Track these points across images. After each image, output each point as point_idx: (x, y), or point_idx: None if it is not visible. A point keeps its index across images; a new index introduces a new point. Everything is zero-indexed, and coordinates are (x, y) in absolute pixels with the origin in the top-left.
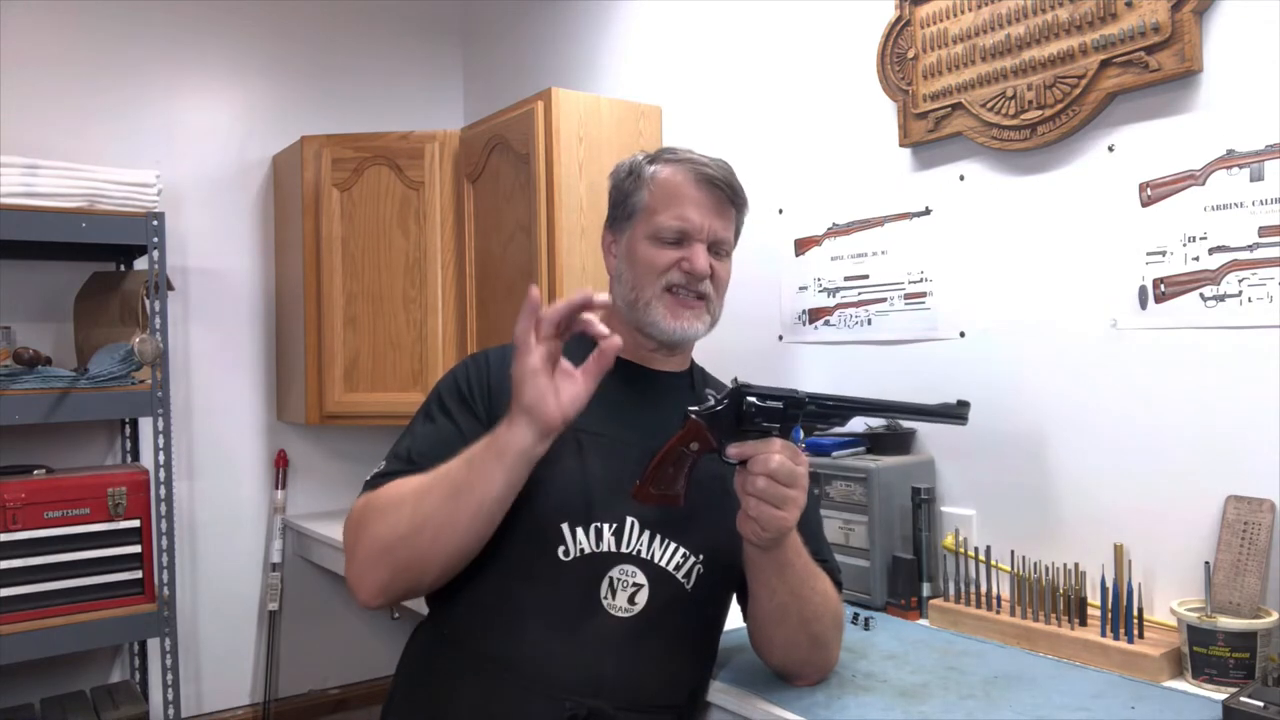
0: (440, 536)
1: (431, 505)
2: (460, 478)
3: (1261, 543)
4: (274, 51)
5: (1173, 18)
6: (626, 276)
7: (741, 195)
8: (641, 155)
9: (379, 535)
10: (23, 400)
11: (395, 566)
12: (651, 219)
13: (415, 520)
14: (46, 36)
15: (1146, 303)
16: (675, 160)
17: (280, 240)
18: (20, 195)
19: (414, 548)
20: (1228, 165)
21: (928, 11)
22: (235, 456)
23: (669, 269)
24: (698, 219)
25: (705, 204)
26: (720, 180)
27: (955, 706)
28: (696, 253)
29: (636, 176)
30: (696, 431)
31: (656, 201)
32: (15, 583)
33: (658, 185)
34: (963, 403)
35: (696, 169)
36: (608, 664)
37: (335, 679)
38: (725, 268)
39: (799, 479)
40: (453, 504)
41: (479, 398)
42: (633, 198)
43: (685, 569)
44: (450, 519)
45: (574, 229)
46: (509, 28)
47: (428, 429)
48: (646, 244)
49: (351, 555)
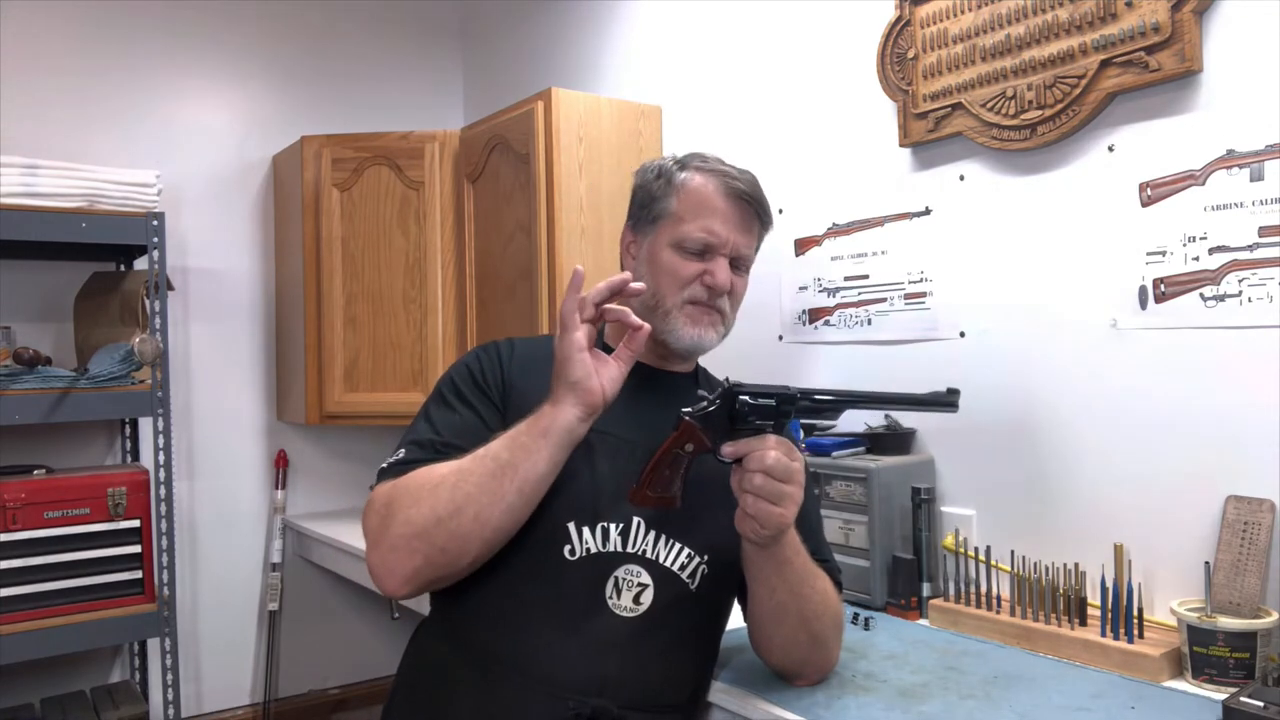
0: (483, 516)
1: (473, 485)
2: (505, 457)
3: (1261, 543)
4: (274, 52)
5: (1173, 18)
6: (647, 281)
7: (768, 213)
8: (670, 159)
9: (413, 519)
10: (23, 400)
11: (431, 550)
12: (678, 227)
13: (455, 501)
14: (46, 37)
15: (1146, 303)
16: (706, 170)
17: (280, 240)
18: (20, 195)
19: (454, 530)
20: (1228, 165)
21: (928, 11)
22: (235, 456)
23: (692, 281)
24: (724, 233)
25: (732, 218)
26: (749, 196)
27: (955, 706)
28: (719, 266)
29: (666, 181)
30: (690, 433)
31: (684, 210)
32: (15, 583)
33: (687, 193)
34: (952, 390)
35: (727, 182)
36: (612, 664)
37: (335, 679)
38: (743, 283)
39: (795, 474)
40: (496, 483)
41: (494, 386)
42: (660, 202)
43: (690, 569)
44: (494, 499)
45: (574, 229)
46: (509, 28)
47: (448, 416)
48: (670, 252)
49: (377, 541)
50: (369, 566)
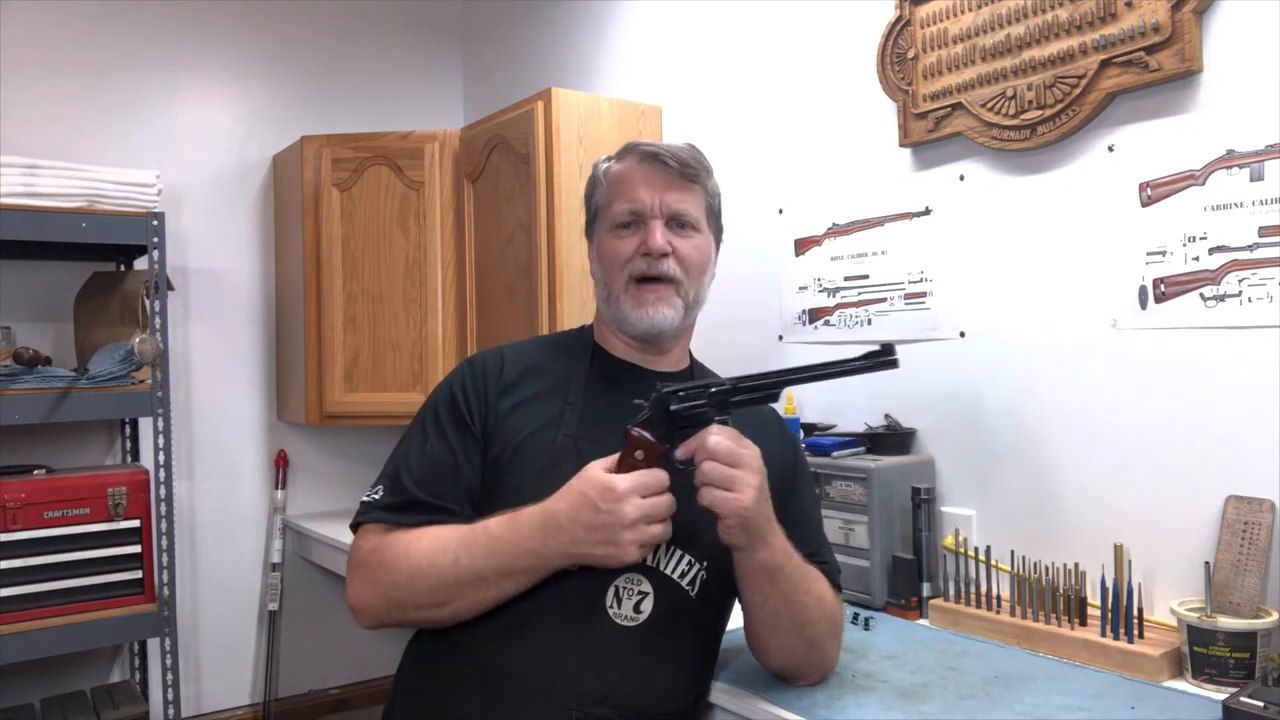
0: (460, 611)
1: (454, 588)
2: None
3: (1261, 543)
4: (274, 52)
5: (1173, 18)
6: (600, 275)
7: (694, 166)
8: (603, 158)
9: (392, 595)
10: (23, 400)
11: (404, 622)
12: (608, 212)
13: (434, 598)
14: (47, 36)
15: (1146, 303)
16: (626, 153)
17: (280, 240)
18: (20, 195)
19: (429, 615)
20: (1228, 165)
21: (928, 11)
22: (235, 456)
23: (631, 258)
24: (647, 196)
25: (655, 180)
26: (666, 155)
27: (955, 706)
28: (651, 229)
29: (595, 180)
30: (637, 443)
31: (611, 195)
32: (15, 583)
33: (610, 179)
34: (886, 345)
35: (641, 150)
36: (613, 672)
37: (335, 679)
38: (693, 244)
39: (744, 459)
40: (475, 592)
41: (476, 414)
42: (593, 198)
43: (690, 576)
44: (471, 604)
45: (574, 229)
46: (509, 28)
47: (421, 451)
48: (608, 237)
49: (355, 593)
50: (347, 598)
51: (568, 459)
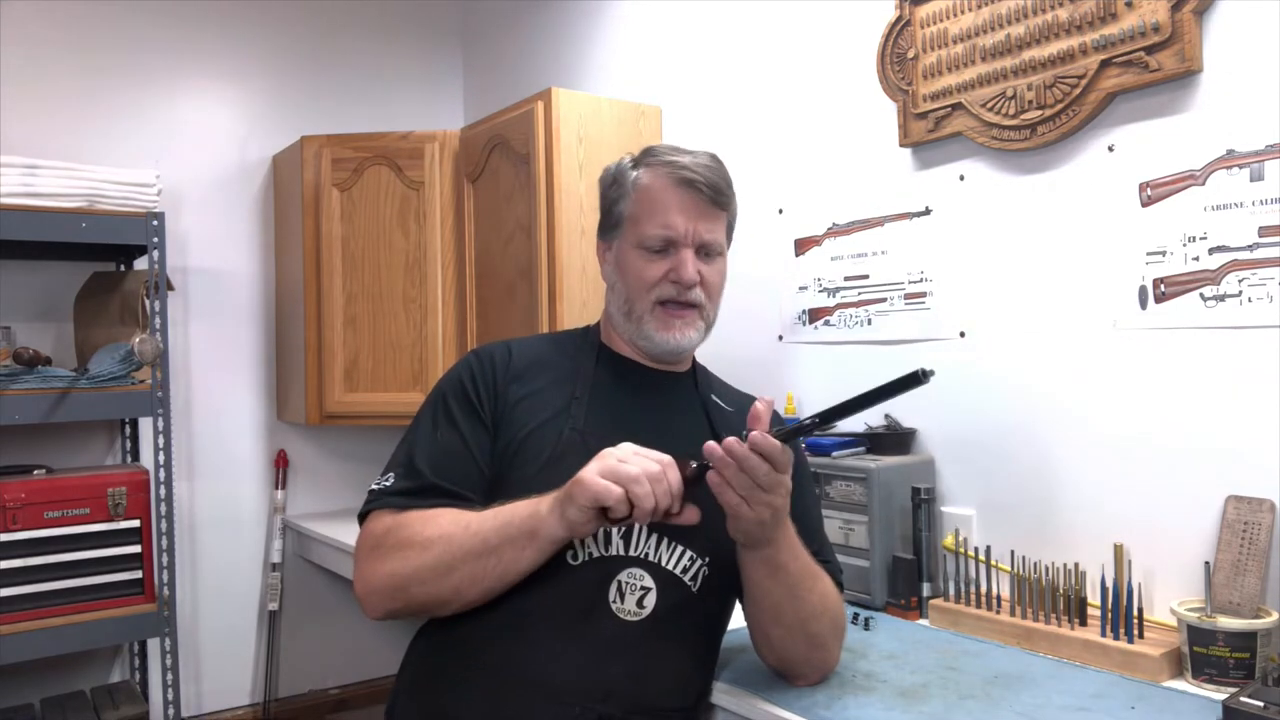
0: (462, 589)
1: (459, 559)
2: (493, 542)
3: (1261, 543)
4: (274, 52)
5: (1173, 18)
6: (619, 287)
7: (726, 193)
8: (627, 159)
9: (398, 572)
10: (23, 400)
11: (410, 601)
12: (636, 228)
13: (439, 570)
14: (46, 37)
15: (1146, 303)
16: (657, 163)
17: (280, 240)
18: (20, 195)
19: (433, 593)
20: (1228, 165)
21: (928, 11)
22: (235, 456)
23: (659, 282)
24: (682, 224)
25: (689, 207)
26: (702, 181)
27: (955, 706)
28: (683, 261)
29: (620, 184)
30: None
31: (640, 210)
32: (15, 583)
33: (640, 192)
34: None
35: (676, 172)
36: (616, 668)
37: (335, 679)
38: (717, 269)
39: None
40: (480, 564)
41: (486, 401)
42: (618, 206)
43: (692, 572)
44: (475, 579)
45: (574, 229)
46: (509, 28)
47: (431, 440)
48: (635, 254)
49: (364, 576)
50: (354, 588)
51: (574, 452)
